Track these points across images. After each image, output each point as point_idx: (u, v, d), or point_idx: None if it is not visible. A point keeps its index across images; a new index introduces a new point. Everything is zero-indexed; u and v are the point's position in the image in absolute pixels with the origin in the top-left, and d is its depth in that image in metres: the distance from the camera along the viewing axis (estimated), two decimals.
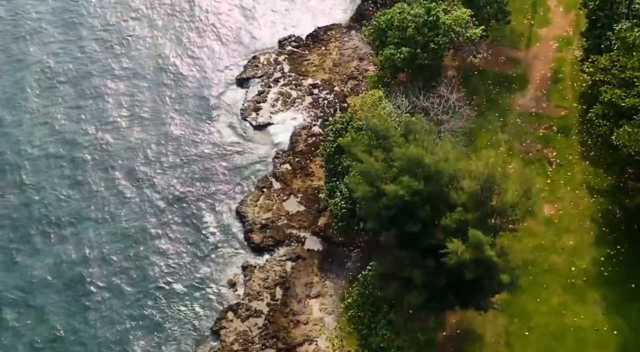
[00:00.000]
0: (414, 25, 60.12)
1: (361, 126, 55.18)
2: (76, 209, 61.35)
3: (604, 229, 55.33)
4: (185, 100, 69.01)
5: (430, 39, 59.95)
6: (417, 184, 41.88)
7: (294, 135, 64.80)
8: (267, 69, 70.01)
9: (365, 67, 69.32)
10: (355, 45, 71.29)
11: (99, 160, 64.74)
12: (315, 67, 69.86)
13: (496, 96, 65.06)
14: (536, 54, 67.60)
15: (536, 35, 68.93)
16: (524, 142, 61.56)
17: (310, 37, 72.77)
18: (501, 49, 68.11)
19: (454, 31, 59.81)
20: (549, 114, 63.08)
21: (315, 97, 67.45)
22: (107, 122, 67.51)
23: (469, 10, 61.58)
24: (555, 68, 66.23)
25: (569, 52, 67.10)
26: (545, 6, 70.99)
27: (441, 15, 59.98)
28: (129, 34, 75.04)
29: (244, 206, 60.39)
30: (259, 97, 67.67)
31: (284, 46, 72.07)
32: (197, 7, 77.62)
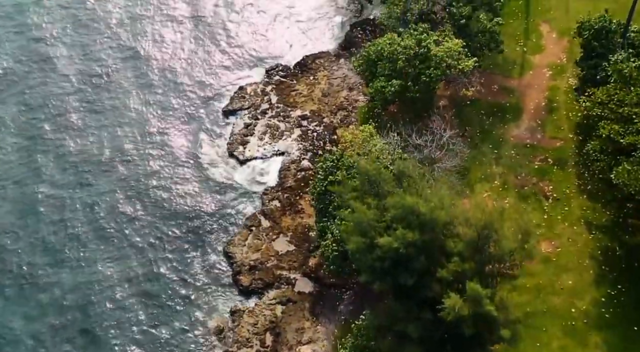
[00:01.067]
0: (405, 57, 58.52)
1: (352, 164, 53.48)
2: (52, 252, 58.77)
3: (603, 267, 53.66)
4: (169, 135, 66.63)
5: (422, 72, 58.29)
6: (412, 235, 40.02)
7: (283, 170, 62.85)
8: (254, 100, 68.07)
9: (355, 97, 67.54)
10: (344, 74, 69.52)
11: (78, 199, 62.34)
12: (303, 98, 68.03)
13: (490, 127, 63.43)
14: (529, 82, 66.04)
15: (529, 62, 67.38)
16: (519, 176, 59.88)
17: (298, 66, 70.94)
18: (494, 77, 66.50)
19: (446, 63, 58.17)
20: (544, 145, 61.45)
21: (304, 130, 65.56)
22: (87, 159, 64.96)
23: (461, 41, 60.03)
24: (549, 97, 64.67)
25: (563, 80, 65.58)
26: (537, 32, 69.52)
27: (432, 47, 58.34)
28: (110, 68, 72.49)
29: (231, 246, 58.29)
30: (246, 130, 65.70)
31: (272, 76, 70.18)
32: (180, 37, 75.64)
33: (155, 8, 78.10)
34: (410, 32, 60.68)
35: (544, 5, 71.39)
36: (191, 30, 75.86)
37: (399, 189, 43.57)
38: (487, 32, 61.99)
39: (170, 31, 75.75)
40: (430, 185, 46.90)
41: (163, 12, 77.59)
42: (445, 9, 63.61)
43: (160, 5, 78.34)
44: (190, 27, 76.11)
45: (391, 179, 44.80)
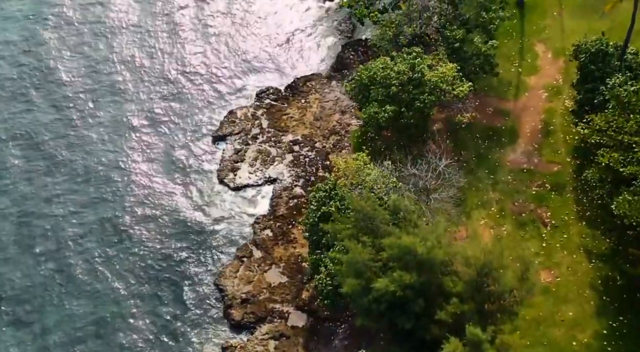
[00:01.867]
0: (398, 83, 57.19)
1: (345, 194, 52.06)
2: (35, 287, 56.96)
3: (604, 298, 52.31)
4: (157, 162, 64.81)
5: (416, 97, 56.95)
6: (409, 277, 38.62)
7: (275, 198, 61.31)
8: (244, 124, 66.53)
9: (347, 121, 66.12)
10: (336, 97, 68.10)
11: (62, 230, 60.44)
12: (295, 122, 66.55)
13: (485, 151, 62.12)
14: (525, 104, 64.80)
15: (524, 84, 66.15)
16: (516, 202, 58.57)
17: (289, 89, 69.45)
18: (489, 99, 65.23)
19: (440, 89, 56.87)
20: (542, 170, 60.16)
21: (296, 155, 64.04)
22: (72, 189, 63.07)
23: (455, 65, 58.76)
24: (545, 119, 63.43)
25: (560, 102, 64.37)
26: (532, 52, 68.32)
27: (426, 72, 57.04)
28: (95, 94, 70.43)
29: (222, 278, 56.65)
30: (236, 156, 64.12)
31: (262, 99, 68.62)
32: (167, 58, 73.73)
33: (140, 32, 76.50)
34: (403, 56, 59.37)
35: (538, 25, 70.27)
36: (178, 52, 74.15)
37: (395, 226, 42.15)
38: (481, 55, 60.76)
39: (157, 55, 73.92)
40: (427, 220, 45.59)
41: (149, 36, 75.91)
42: (438, 31, 62.35)
43: (146, 29, 76.61)
44: (177, 50, 74.35)
45: (387, 214, 43.38)
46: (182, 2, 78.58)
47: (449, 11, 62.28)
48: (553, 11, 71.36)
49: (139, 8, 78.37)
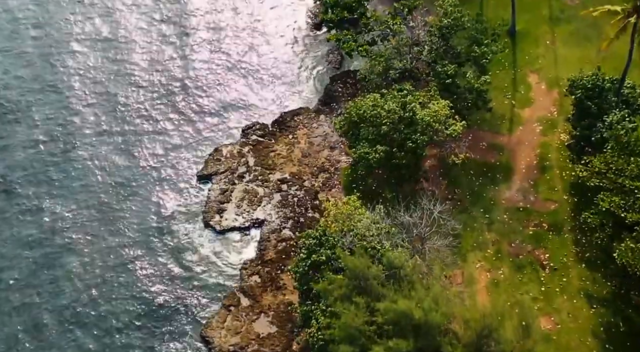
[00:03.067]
0: (389, 122, 55.17)
1: (336, 243, 49.88)
2: (11, 339, 54.16)
3: (607, 346, 50.25)
4: (139, 205, 62.20)
5: (408, 137, 54.95)
6: (407, 344, 36.46)
7: (263, 241, 58.95)
8: (230, 163, 64.18)
9: (336, 158, 63.98)
10: (325, 132, 65.95)
11: (43, 280, 57.62)
12: (283, 159, 64.29)
13: (480, 189, 60.16)
14: (519, 138, 62.94)
15: (518, 117, 64.33)
16: (513, 243, 56.58)
17: (276, 124, 67.20)
18: (482, 133, 63.33)
19: (433, 128, 54.90)
20: (538, 208, 58.25)
21: (284, 195, 61.78)
22: (49, 238, 60.16)
23: (447, 102, 56.82)
24: (541, 155, 61.55)
25: (555, 135, 62.56)
26: (526, 84, 66.50)
27: (418, 111, 55.05)
28: (74, 140, 67.35)
29: (209, 329, 54.11)
30: (222, 197, 61.76)
31: (248, 135, 66.31)
32: (148, 92, 71.04)
33: (120, 66, 73.86)
34: (393, 93, 57.41)
35: (531, 54, 68.56)
36: (160, 85, 71.62)
37: (390, 285, 40.01)
38: (474, 91, 58.88)
39: (137, 89, 71.26)
40: (422, 273, 43.48)
41: (129, 70, 73.18)
42: (429, 64, 60.42)
43: (127, 62, 74.00)
44: (159, 82, 71.84)
45: (380, 271, 41.21)
46: (166, 32, 76.43)
47: (439, 44, 60.37)
48: (545, 39, 69.78)
49: (122, 42, 76.06)
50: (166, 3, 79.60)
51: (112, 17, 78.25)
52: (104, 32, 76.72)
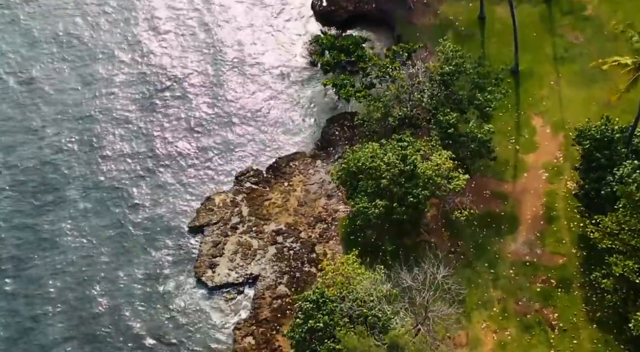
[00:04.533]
0: (389, 175, 52.62)
1: (334, 308, 47.19)
2: None
3: None
4: (128, 258, 59.44)
5: (408, 192, 52.39)
6: None
7: (257, 298, 56.21)
8: (223, 212, 61.48)
9: (334, 207, 61.34)
10: (321, 178, 63.31)
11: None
12: (278, 208, 61.59)
13: (484, 241, 57.52)
14: (525, 186, 60.35)
15: (523, 163, 61.73)
16: (519, 301, 53.90)
17: (271, 170, 64.50)
18: (485, 181, 60.71)
19: (435, 183, 52.33)
20: (546, 263, 55.59)
21: (280, 247, 59.07)
22: (29, 294, 57.72)
23: (449, 153, 54.27)
24: (547, 204, 58.94)
25: (561, 183, 60.00)
26: (530, 127, 63.95)
27: (419, 164, 52.52)
28: (60, 191, 64.38)
29: None
30: (215, 250, 59.01)
31: (242, 183, 63.61)
32: (137, 141, 67.93)
33: (109, 109, 70.78)
34: (393, 144, 54.90)
35: (534, 96, 66.04)
36: (150, 130, 68.64)
37: None
38: (477, 140, 56.36)
39: (127, 132, 68.47)
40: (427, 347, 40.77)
41: (116, 115, 69.98)
42: (430, 111, 57.89)
43: (115, 103, 71.02)
44: (149, 128, 68.79)
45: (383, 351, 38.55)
46: (164, 82, 72.79)
47: (440, 90, 57.90)
48: (550, 80, 67.26)
49: (107, 86, 72.80)
50: (153, 37, 76.84)
51: (98, 59, 74.89)
52: (92, 72, 73.86)
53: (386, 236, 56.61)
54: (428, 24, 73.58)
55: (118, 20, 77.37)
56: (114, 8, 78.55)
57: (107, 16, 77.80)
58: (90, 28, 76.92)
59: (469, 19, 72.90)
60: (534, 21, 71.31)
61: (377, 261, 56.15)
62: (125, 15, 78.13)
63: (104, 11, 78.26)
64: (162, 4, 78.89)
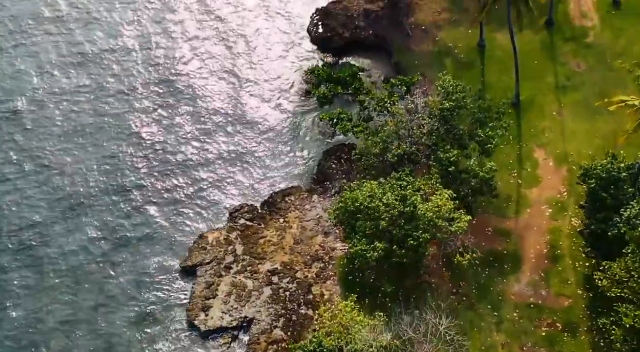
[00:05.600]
0: (389, 217, 50.76)
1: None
2: None
3: None
4: (117, 300, 57.13)
5: (408, 234, 50.53)
6: None
7: (252, 344, 53.89)
8: (217, 251, 59.40)
9: (331, 245, 59.28)
10: (318, 215, 61.29)
11: None
12: (273, 247, 59.58)
13: (487, 281, 55.55)
14: (528, 223, 58.48)
15: (525, 198, 59.89)
16: (525, 346, 51.84)
17: (266, 206, 62.41)
18: (487, 217, 58.76)
19: (436, 225, 50.46)
20: (551, 305, 53.63)
21: (275, 288, 56.96)
22: (21, 333, 55.24)
23: (450, 192, 52.40)
24: (551, 242, 57.08)
25: (566, 220, 58.14)
26: (532, 160, 62.17)
27: (419, 206, 50.66)
28: (46, 231, 61.85)
29: None
30: (208, 291, 56.92)
31: (236, 220, 61.45)
32: (127, 172, 65.60)
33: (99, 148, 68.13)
34: (392, 183, 53.05)
35: (536, 127, 64.30)
36: (142, 163, 66.34)
37: None
38: (479, 178, 54.53)
39: (118, 169, 65.99)
40: None
41: (105, 152, 67.36)
42: (430, 147, 56.07)
43: (104, 139, 68.59)
44: (139, 162, 66.35)
45: None
46: (145, 101, 71.34)
47: (440, 124, 56.09)
48: (552, 110, 65.58)
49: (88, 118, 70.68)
50: (149, 73, 74.33)
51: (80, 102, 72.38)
52: (81, 116, 70.92)
53: (385, 277, 54.73)
54: (427, 51, 72.06)
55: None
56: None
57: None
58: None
59: (469, 46, 71.40)
60: (535, 48, 69.86)
61: (376, 302, 54.54)
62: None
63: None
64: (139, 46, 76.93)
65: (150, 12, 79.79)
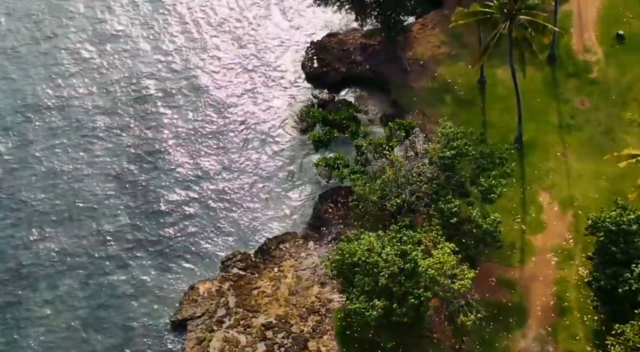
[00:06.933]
0: (388, 273, 48.31)
1: None
2: None
3: None
4: None
5: (409, 291, 48.08)
6: None
7: None
8: (208, 304, 56.73)
9: (328, 296, 56.74)
10: (314, 263, 58.76)
11: None
12: (267, 298, 56.95)
13: (491, 336, 52.96)
14: (533, 272, 56.02)
15: (530, 246, 57.45)
16: None
17: (259, 253, 59.85)
18: (490, 266, 56.22)
19: (438, 283, 48.02)
20: None
21: (270, 344, 54.18)
22: None
23: (452, 246, 49.96)
24: (557, 293, 54.62)
25: (572, 269, 55.71)
26: (536, 204, 59.76)
27: (420, 262, 48.22)
28: (32, 282, 59.39)
29: None
30: (199, 348, 54.00)
31: (229, 268, 58.91)
32: (112, 218, 63.20)
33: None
34: (391, 236, 50.61)
35: (540, 169, 61.92)
36: (130, 209, 63.80)
37: None
38: (481, 229, 52.17)
39: (103, 212, 63.58)
40: None
41: (97, 201, 64.96)
42: (430, 196, 53.66)
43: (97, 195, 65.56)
44: (129, 209, 63.82)
45: None
46: (132, 148, 68.56)
47: (441, 171, 53.74)
48: (556, 150, 63.20)
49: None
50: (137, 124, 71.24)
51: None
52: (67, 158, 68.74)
53: (385, 332, 52.20)
54: (425, 87, 69.74)
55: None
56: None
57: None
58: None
59: (469, 83, 69.09)
60: (538, 85, 67.46)
61: None
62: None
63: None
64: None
65: (126, 54, 77.36)
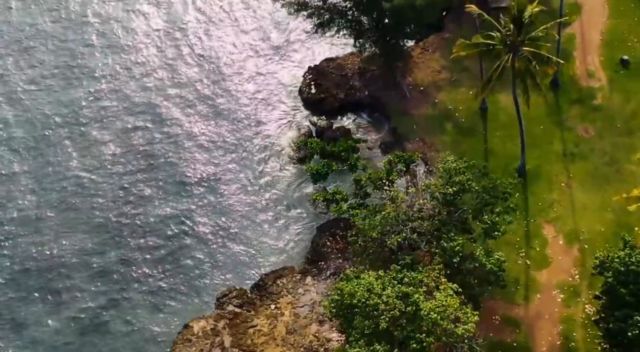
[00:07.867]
0: (389, 316, 46.55)
1: None
2: None
3: None
4: None
5: (410, 336, 46.29)
6: None
7: None
8: (202, 343, 54.78)
9: (327, 335, 54.92)
10: (312, 299, 57.02)
11: None
12: (264, 337, 55.16)
13: None
14: (538, 310, 54.34)
15: (535, 282, 55.76)
16: None
17: (256, 289, 58.12)
18: (494, 304, 54.56)
19: (440, 327, 46.26)
20: None
21: None
22: None
23: (455, 286, 48.20)
24: (564, 333, 52.88)
25: (578, 307, 54.03)
26: (541, 238, 58.08)
27: (422, 305, 46.44)
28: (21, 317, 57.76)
29: None
30: None
31: (224, 305, 57.17)
32: (99, 254, 61.13)
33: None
34: (391, 276, 48.81)
35: (544, 200, 60.22)
36: (120, 242, 61.85)
37: None
38: (484, 268, 50.44)
39: (95, 255, 61.32)
40: None
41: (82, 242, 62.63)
42: (432, 233, 51.95)
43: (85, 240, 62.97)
44: (120, 244, 61.80)
45: None
46: (130, 177, 66.71)
47: (442, 207, 52.04)
48: (560, 181, 61.49)
49: None
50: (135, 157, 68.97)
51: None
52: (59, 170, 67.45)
53: None
54: (425, 114, 68.08)
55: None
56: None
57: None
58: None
59: (470, 109, 67.39)
60: (540, 112, 65.53)
61: None
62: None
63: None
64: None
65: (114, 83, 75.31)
